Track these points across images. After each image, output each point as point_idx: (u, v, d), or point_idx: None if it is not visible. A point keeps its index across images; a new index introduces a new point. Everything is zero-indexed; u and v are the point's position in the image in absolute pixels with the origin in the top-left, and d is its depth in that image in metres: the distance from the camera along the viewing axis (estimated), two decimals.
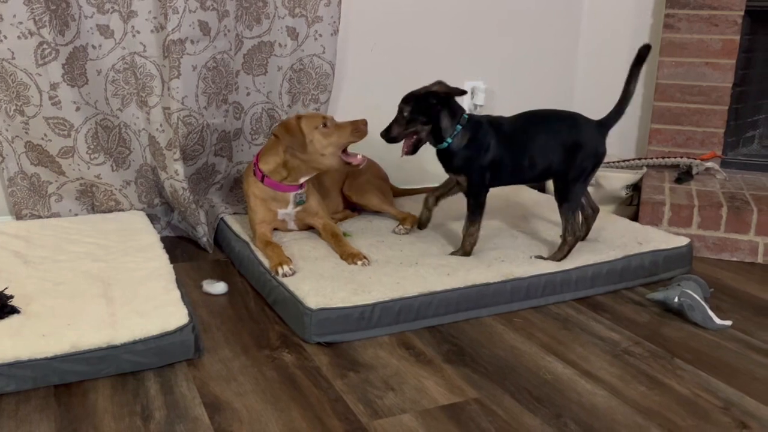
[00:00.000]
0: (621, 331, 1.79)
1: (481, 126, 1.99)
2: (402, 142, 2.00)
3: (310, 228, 2.20)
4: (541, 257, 2.03)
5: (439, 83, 1.99)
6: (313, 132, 2.00)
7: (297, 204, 2.12)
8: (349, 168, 2.10)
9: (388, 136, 1.99)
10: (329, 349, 1.64)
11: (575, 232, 2.02)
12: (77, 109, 2.18)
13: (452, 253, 2.04)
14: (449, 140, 1.97)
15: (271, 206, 2.11)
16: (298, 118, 2.03)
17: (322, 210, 2.17)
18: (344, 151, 2.05)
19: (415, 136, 1.99)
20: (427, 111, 1.95)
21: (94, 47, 2.19)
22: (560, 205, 2.02)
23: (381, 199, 2.37)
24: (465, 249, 2.04)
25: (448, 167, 2.03)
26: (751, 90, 2.97)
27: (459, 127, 1.96)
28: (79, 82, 2.18)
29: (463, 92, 1.94)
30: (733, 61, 2.77)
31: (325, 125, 2.02)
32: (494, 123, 2.01)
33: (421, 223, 2.23)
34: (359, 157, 2.06)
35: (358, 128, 2.02)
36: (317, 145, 2.01)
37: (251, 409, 1.39)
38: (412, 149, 2.02)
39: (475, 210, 2.02)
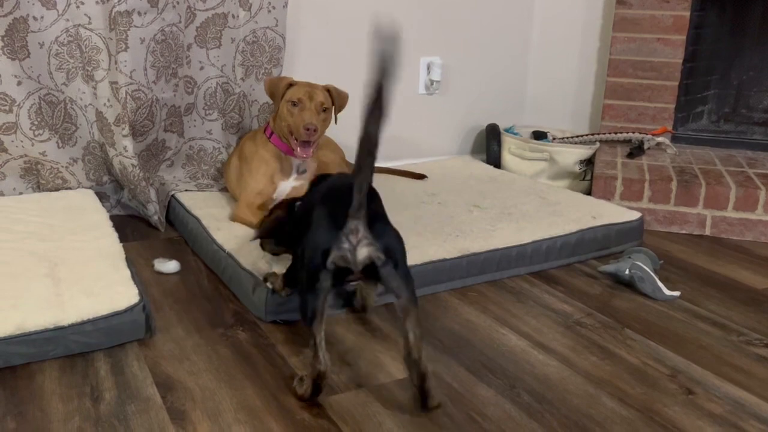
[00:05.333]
0: (573, 303, 1.82)
1: None
2: None
3: None
4: None
5: None
6: (284, 103, 2.00)
7: (299, 173, 2.10)
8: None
9: None
10: (285, 327, 1.63)
11: None
12: (19, 83, 2.10)
13: None
14: None
15: (274, 177, 2.07)
16: (290, 84, 2.02)
17: None
18: (306, 141, 1.96)
19: None
20: None
21: (35, 18, 2.09)
22: None
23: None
24: None
25: None
26: (701, 66, 3.02)
27: None
28: (20, 55, 2.09)
29: None
30: (684, 37, 2.81)
31: (294, 104, 1.98)
32: None
33: None
34: (306, 157, 2.00)
35: (301, 132, 1.94)
36: (280, 113, 2.03)
37: (204, 388, 1.37)
38: None
39: None
